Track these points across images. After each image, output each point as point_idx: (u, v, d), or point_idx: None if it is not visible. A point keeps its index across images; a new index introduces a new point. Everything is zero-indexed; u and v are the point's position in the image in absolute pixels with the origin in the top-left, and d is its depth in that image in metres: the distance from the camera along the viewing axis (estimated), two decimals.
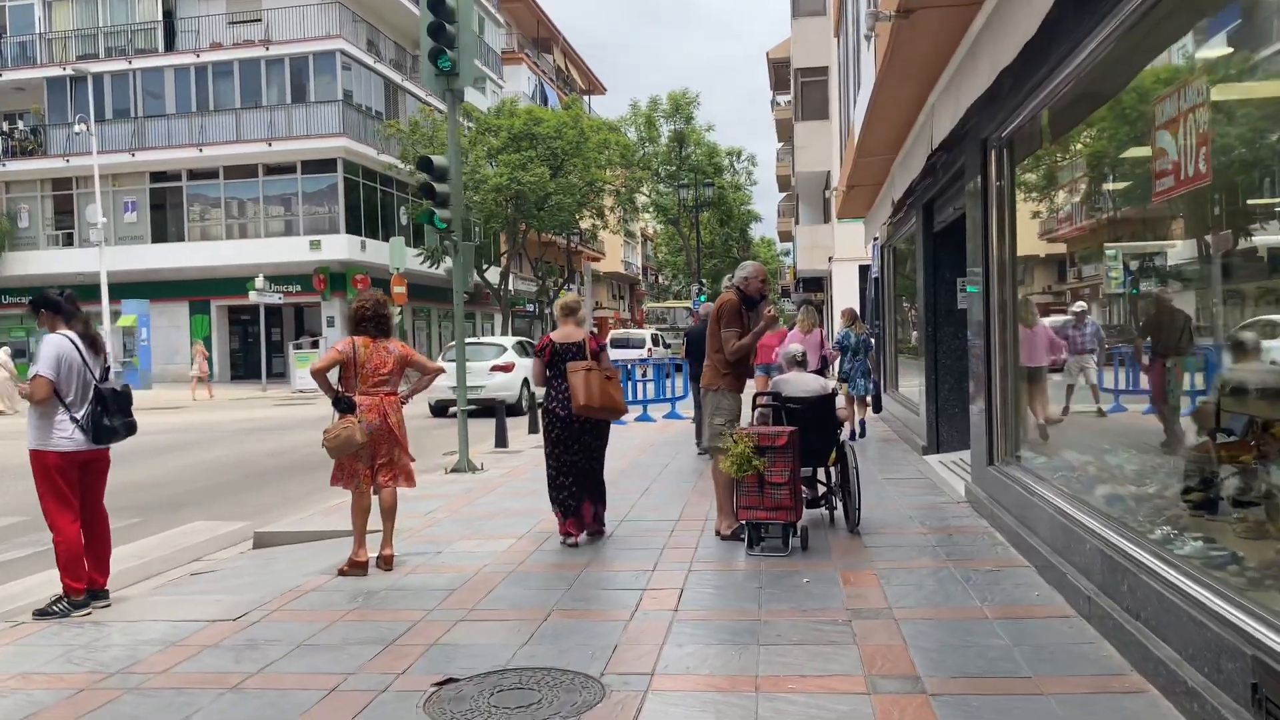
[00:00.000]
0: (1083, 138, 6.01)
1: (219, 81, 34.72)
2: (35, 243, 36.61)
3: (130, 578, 6.89)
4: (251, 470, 12.53)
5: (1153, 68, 4.70)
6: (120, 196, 35.81)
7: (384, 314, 6.38)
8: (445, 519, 8.11)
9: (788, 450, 6.34)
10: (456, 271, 10.87)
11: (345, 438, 6.03)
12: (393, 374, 6.34)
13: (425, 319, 42.84)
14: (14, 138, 36.61)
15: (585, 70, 67.02)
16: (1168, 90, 4.26)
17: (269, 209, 35.15)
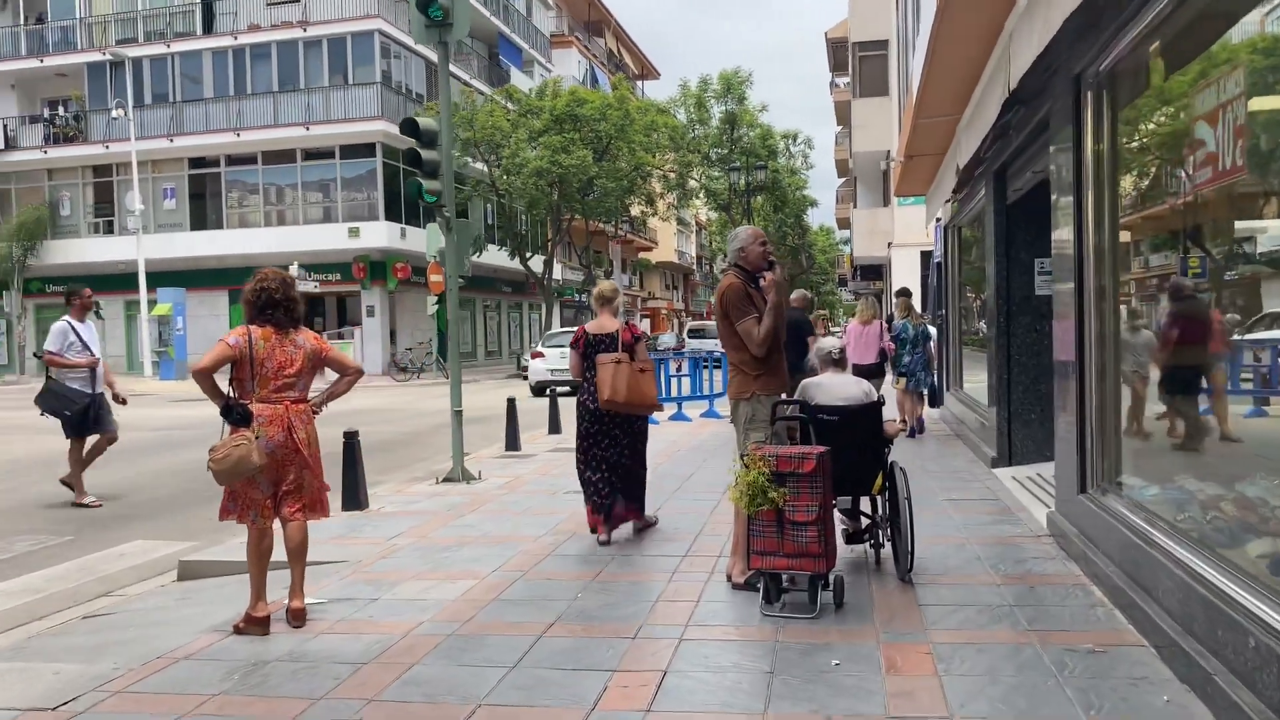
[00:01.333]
0: (1215, 71, 4.37)
1: (256, 64, 33.89)
2: (76, 231, 36.20)
3: (8, 621, 5.62)
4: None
5: None
6: (159, 183, 35.22)
7: (292, 296, 4.99)
8: (407, 547, 6.72)
9: (817, 478, 4.81)
10: (449, 252, 9.49)
11: (237, 458, 4.65)
12: (301, 375, 4.95)
13: (469, 309, 41.75)
14: (55, 124, 36.22)
15: (638, 54, 65.46)
16: None
17: (307, 195, 34.27)
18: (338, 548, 6.75)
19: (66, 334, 9.01)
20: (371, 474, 10.85)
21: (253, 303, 4.92)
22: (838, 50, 41.28)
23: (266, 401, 4.82)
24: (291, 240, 33.02)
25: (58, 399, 9.04)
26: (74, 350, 9.02)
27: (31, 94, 37.13)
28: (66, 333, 9.01)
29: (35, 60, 35.74)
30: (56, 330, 9.05)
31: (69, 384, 9.05)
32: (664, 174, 39.27)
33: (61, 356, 8.96)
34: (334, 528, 7.41)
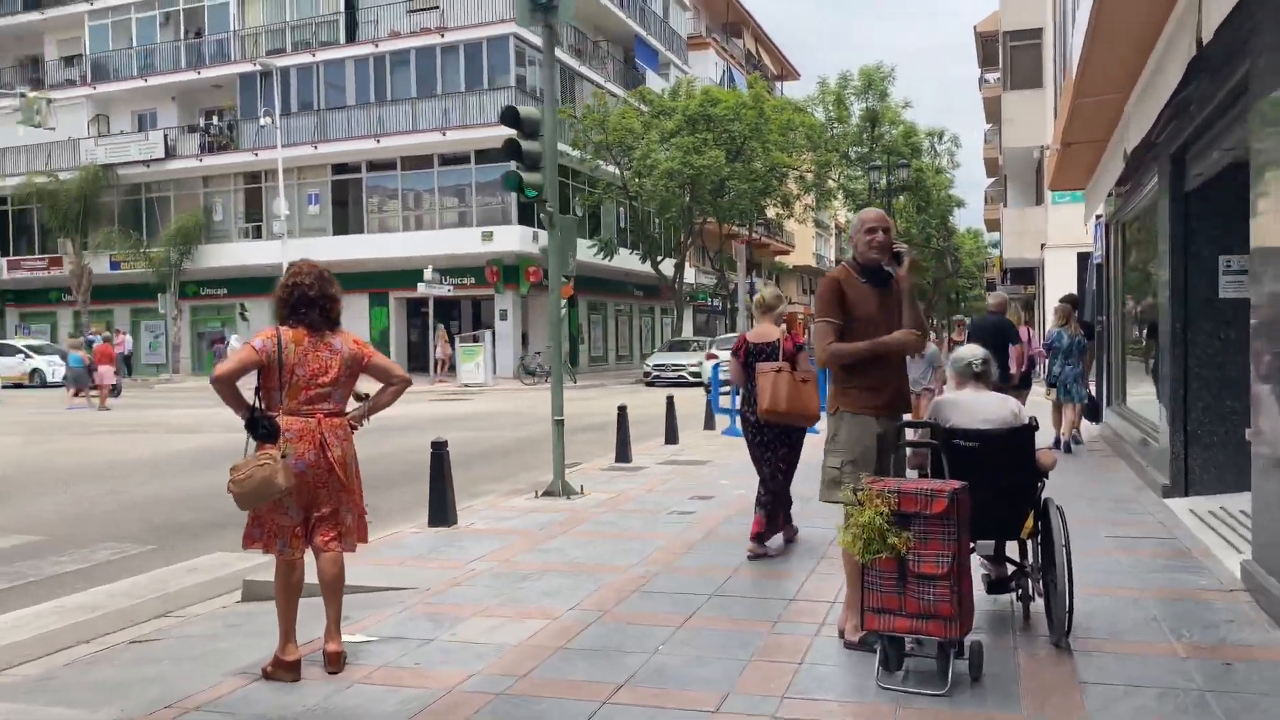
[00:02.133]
0: None
1: (396, 71, 34.45)
2: (228, 235, 37.62)
3: (53, 644, 5.21)
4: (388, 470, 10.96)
5: None
6: (304, 189, 36.23)
7: (329, 293, 4.37)
8: (484, 573, 6.05)
9: (950, 520, 3.87)
10: (553, 250, 8.84)
11: (260, 480, 4.04)
12: (338, 384, 4.32)
13: (600, 314, 41.49)
14: (210, 133, 37.74)
15: (778, 55, 64.20)
16: None
17: (443, 200, 34.60)
18: (411, 571, 6.15)
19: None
20: (478, 483, 10.38)
21: (284, 300, 4.32)
22: (987, 44, 39.21)
23: (296, 414, 4.21)
24: (427, 244, 33.39)
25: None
26: None
27: (190, 105, 38.81)
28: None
29: (194, 73, 37.31)
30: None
31: None
32: (800, 174, 38.03)
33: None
34: (416, 545, 6.85)
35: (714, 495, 8.76)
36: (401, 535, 7.24)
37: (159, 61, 38.11)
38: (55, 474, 11.76)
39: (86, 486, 10.60)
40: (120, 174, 37.55)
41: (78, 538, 7.92)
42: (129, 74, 38.26)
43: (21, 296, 41.47)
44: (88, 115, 39.12)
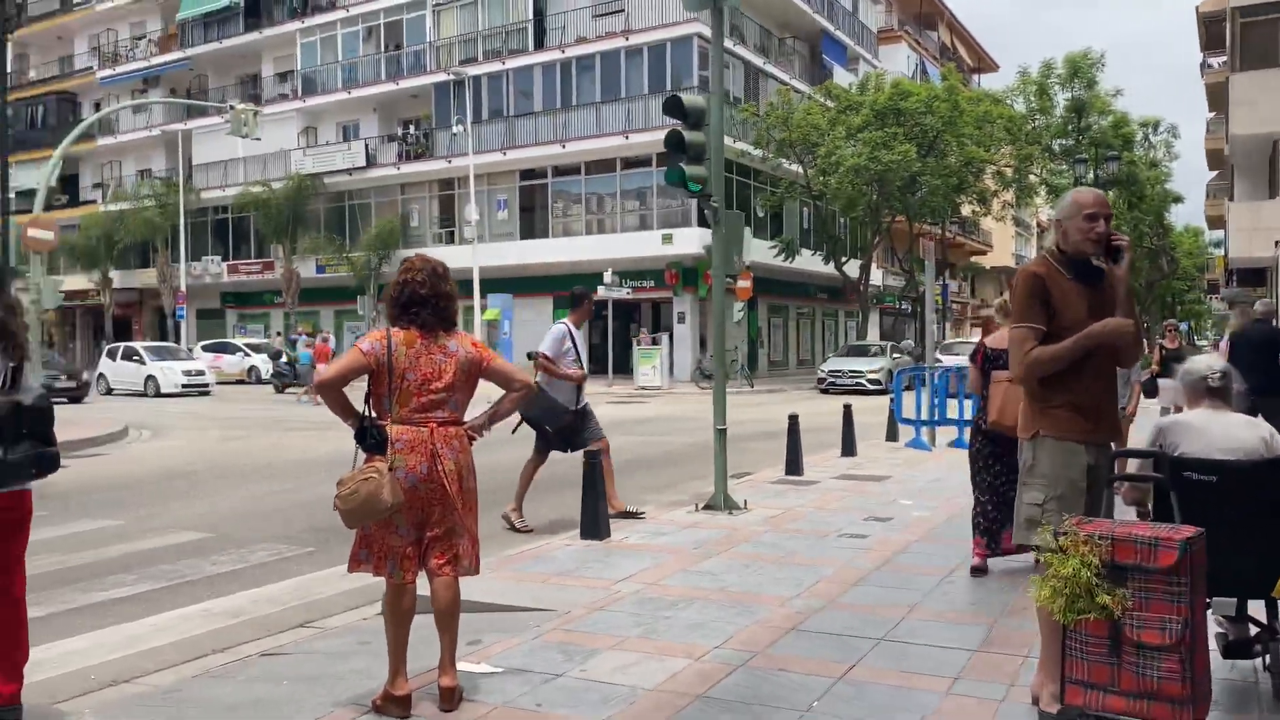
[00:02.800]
0: None
1: (581, 75, 34.78)
2: (423, 240, 39.03)
3: (189, 651, 5.08)
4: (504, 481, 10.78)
5: None
6: (493, 194, 37.14)
7: (444, 291, 3.97)
8: (629, 597, 5.57)
9: (1180, 577, 3.07)
10: (717, 248, 8.29)
11: (366, 495, 3.69)
12: (453, 390, 3.92)
13: (781, 317, 40.59)
14: (407, 142, 39.31)
15: (974, 46, 61.30)
16: None
17: (625, 203, 34.69)
18: (552, 590, 5.74)
19: (564, 339, 7.86)
20: (640, 491, 9.94)
21: (394, 299, 3.96)
22: (1211, 25, 35.85)
23: (407, 423, 3.83)
24: (608, 248, 33.52)
25: (545, 410, 7.73)
26: (569, 359, 7.86)
27: (390, 116, 40.57)
28: (565, 338, 7.87)
29: (392, 84, 38.95)
30: (556, 334, 7.90)
31: (555, 395, 7.82)
32: (999, 169, 35.90)
33: (557, 363, 7.80)
34: (563, 560, 6.45)
35: (892, 517, 7.98)
36: (550, 547, 6.87)
37: (361, 74, 40.03)
38: (240, 470, 12.18)
39: (265, 484, 10.86)
40: (326, 182, 39.69)
41: (242, 537, 7.98)
42: (334, 87, 40.37)
43: (240, 298, 44.56)
44: (298, 128, 41.57)
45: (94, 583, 6.42)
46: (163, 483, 11.06)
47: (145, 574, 6.69)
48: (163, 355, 30.05)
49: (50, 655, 5.00)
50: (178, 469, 12.29)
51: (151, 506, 9.38)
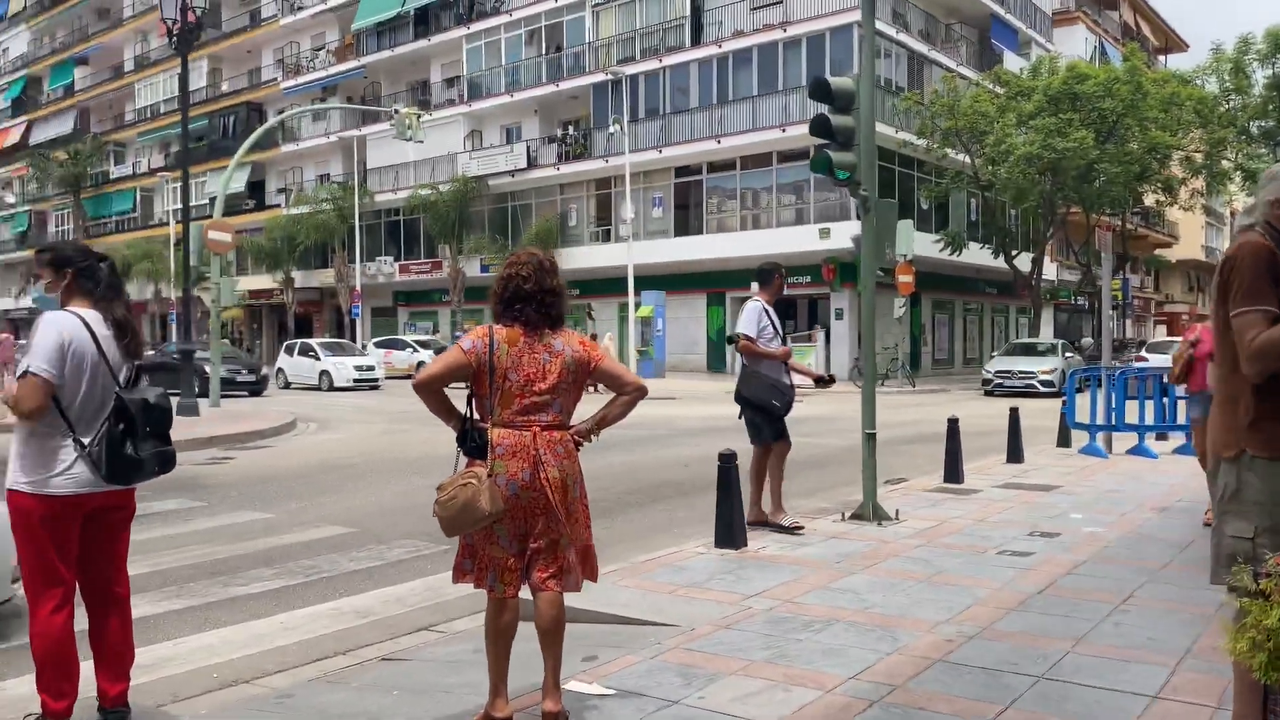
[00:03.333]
0: None
1: (738, 70, 34.34)
2: (580, 239, 39.52)
3: (313, 652, 5.05)
4: (644, 482, 10.58)
5: None
6: (649, 193, 37.19)
7: (550, 286, 3.71)
8: (761, 614, 5.19)
9: None
10: (867, 239, 7.80)
11: (464, 502, 3.47)
12: (558, 391, 3.66)
13: (946, 313, 38.97)
14: (566, 143, 39.83)
15: (1160, 25, 57.30)
16: None
17: (781, 198, 34.05)
18: (680, 603, 5.43)
19: (760, 316, 7.44)
20: (785, 497, 9.53)
21: (498, 295, 3.73)
22: None
23: (509, 426, 3.60)
24: (764, 243, 32.91)
25: (768, 390, 7.33)
26: (767, 336, 7.45)
27: (550, 117, 41.22)
28: (760, 314, 7.44)
29: (553, 86, 39.53)
30: (751, 312, 7.44)
31: (765, 373, 7.42)
32: (1187, 155, 33.29)
33: (758, 343, 7.38)
34: (695, 570, 6.14)
35: (1060, 533, 7.28)
36: (683, 555, 6.57)
37: (523, 77, 40.80)
38: (395, 464, 12.41)
39: (416, 479, 10.98)
40: (489, 184, 40.67)
41: (384, 533, 8.03)
42: (498, 90, 41.30)
43: (410, 297, 46.28)
44: (464, 131, 42.76)
45: (234, 577, 6.53)
46: (318, 476, 11.37)
47: (284, 569, 6.77)
48: (336, 351, 31.40)
49: (181, 651, 5.07)
50: (335, 462, 12.64)
51: (303, 500, 9.60)
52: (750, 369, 7.42)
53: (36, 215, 65.84)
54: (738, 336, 7.41)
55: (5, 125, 67.78)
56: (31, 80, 66.27)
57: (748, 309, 7.49)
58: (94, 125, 61.87)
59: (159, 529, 8.12)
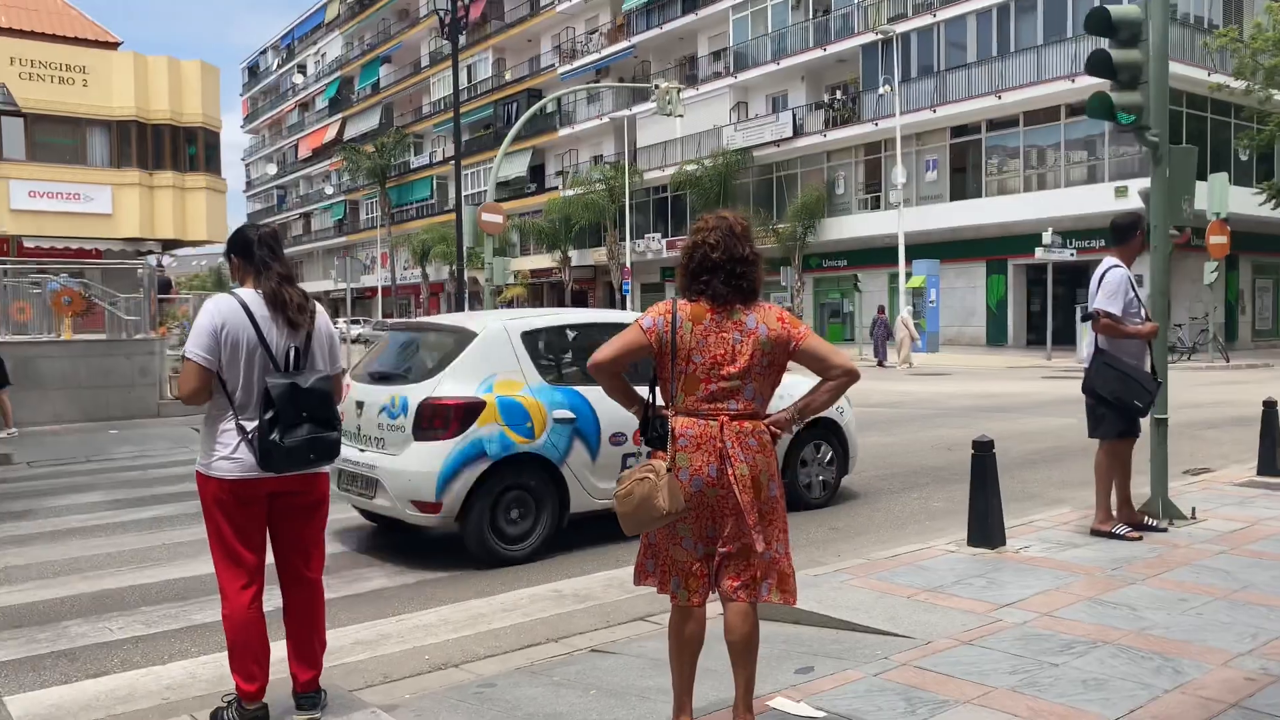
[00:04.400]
0: None
1: (1020, 18, 31.77)
2: (848, 208, 38.27)
3: (524, 638, 4.94)
4: (898, 466, 9.86)
5: None
6: (922, 156, 35.38)
7: (742, 254, 3.24)
8: (1012, 629, 4.51)
9: None
10: (1157, 193, 6.67)
11: (640, 499, 3.12)
12: (749, 375, 3.20)
13: (1270, 278, 34.33)
14: (834, 108, 38.61)
15: None
16: None
17: (1069, 155, 31.22)
18: (918, 609, 4.83)
19: (1125, 287, 6.14)
20: (1058, 487, 8.58)
21: (684, 266, 3.30)
22: None
23: (693, 414, 3.20)
24: (1049, 205, 30.40)
25: (1126, 382, 6.09)
26: (1132, 312, 6.17)
27: (817, 83, 40.11)
28: (1125, 285, 6.14)
29: (820, 50, 38.39)
30: (1115, 281, 6.10)
31: (1125, 358, 6.18)
32: None
33: (1122, 321, 6.11)
34: (940, 571, 5.50)
35: None
36: (929, 553, 5.92)
37: (790, 44, 39.93)
38: None
39: None
40: (754, 156, 40.24)
41: None
42: (764, 60, 40.70)
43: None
44: (729, 104, 42.56)
45: (468, 554, 6.58)
46: None
47: None
48: None
49: (401, 629, 5.12)
50: None
51: None
52: (1109, 355, 6.14)
53: (350, 205, 72.71)
54: (1097, 314, 6.14)
55: (324, 123, 75.22)
56: (344, 81, 73.01)
57: (1111, 279, 6.11)
58: (396, 119, 67.27)
59: None
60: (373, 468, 6.35)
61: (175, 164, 31.88)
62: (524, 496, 6.39)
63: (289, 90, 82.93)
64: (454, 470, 6.08)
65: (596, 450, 6.57)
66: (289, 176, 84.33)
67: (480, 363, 6.38)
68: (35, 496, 8.77)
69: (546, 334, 6.86)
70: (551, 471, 6.44)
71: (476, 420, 6.16)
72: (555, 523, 6.51)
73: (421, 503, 6.12)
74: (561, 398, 6.51)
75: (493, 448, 6.19)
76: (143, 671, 4.48)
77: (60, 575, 6.14)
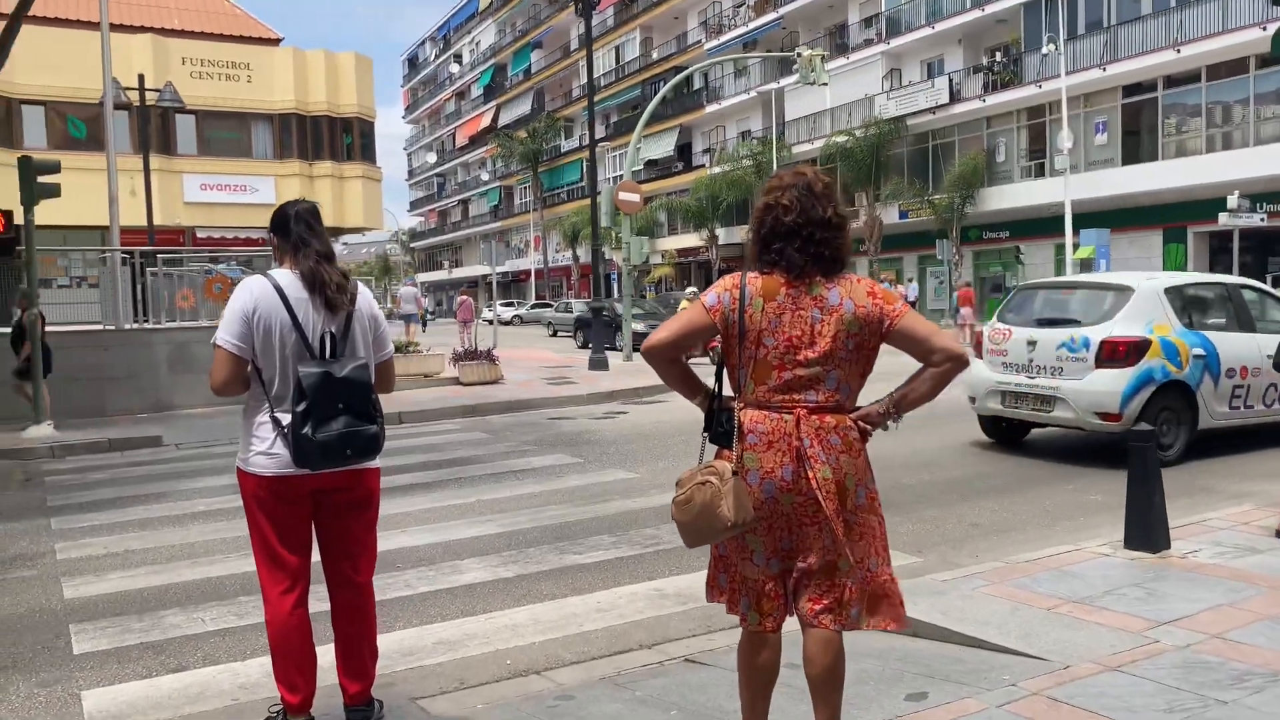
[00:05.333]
0: None
1: None
2: (1010, 176, 36.22)
3: (616, 643, 4.60)
4: (1051, 452, 9.01)
5: None
6: (1090, 118, 33.06)
7: (821, 218, 2.73)
8: (1169, 653, 3.85)
9: None
10: None
11: (700, 507, 2.68)
12: (833, 362, 2.71)
13: None
14: (993, 71, 36.56)
15: None
16: None
17: (1260, 110, 28.46)
18: (1059, 624, 4.21)
19: None
20: (1232, 479, 7.63)
21: (755, 232, 2.81)
22: None
23: (764, 407, 2.73)
24: (1235, 166, 27.82)
25: None
26: None
27: (975, 45, 38.06)
28: None
29: (977, 10, 36.35)
30: None
31: None
32: None
33: None
34: (1092, 577, 4.84)
35: None
36: (1079, 556, 5.24)
37: (945, 5, 38.03)
38: None
39: None
40: (908, 124, 38.57)
41: None
42: (918, 23, 38.93)
43: None
44: (881, 71, 40.94)
45: (574, 544, 6.30)
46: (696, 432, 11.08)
47: (625, 538, 6.42)
48: None
49: (489, 628, 4.85)
50: None
51: (673, 459, 9.25)
52: None
53: (505, 190, 74.24)
54: None
55: (479, 111, 76.98)
56: (498, 69, 74.44)
57: None
58: (547, 104, 68.10)
59: (531, 485, 8.25)
60: (1055, 389, 8.46)
61: (333, 154, 33.10)
62: (1170, 413, 8.36)
63: (446, 80, 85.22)
64: (1133, 391, 8.12)
65: (1217, 381, 8.54)
66: (448, 164, 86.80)
67: (1140, 311, 8.42)
68: (173, 479, 9.02)
69: (1180, 289, 8.85)
70: (1189, 396, 8.41)
71: (1146, 354, 8.18)
72: (1189, 435, 8.44)
73: (1105, 414, 8.20)
74: (1194, 339, 8.47)
75: (1157, 375, 8.22)
76: (221, 668, 4.36)
77: (173, 561, 6.18)
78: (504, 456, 9.78)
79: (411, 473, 8.95)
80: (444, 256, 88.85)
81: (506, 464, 9.32)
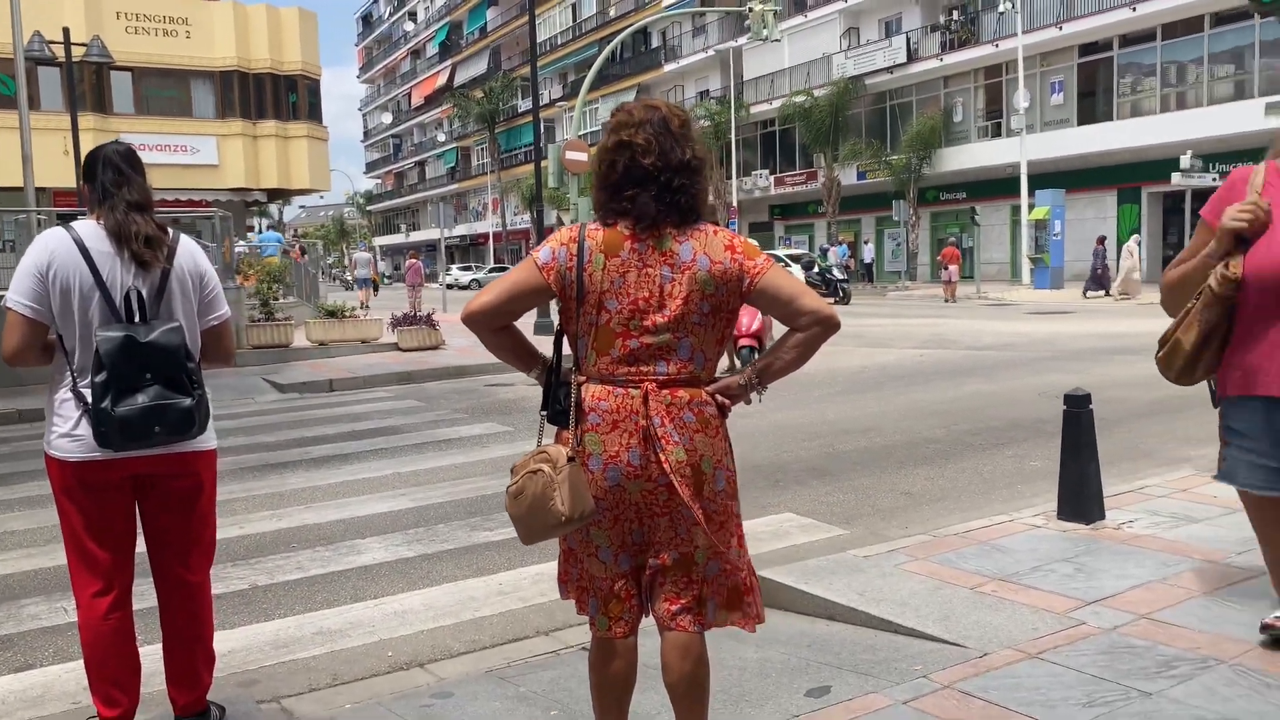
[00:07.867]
0: None
1: None
2: (966, 136, 36.08)
3: (516, 628, 4.27)
4: (996, 419, 8.78)
5: None
6: (1046, 77, 32.94)
7: (679, 161, 2.35)
8: (1095, 637, 3.56)
9: None
10: None
11: (532, 499, 2.34)
12: (685, 328, 2.35)
13: None
14: (950, 30, 36.24)
15: None
16: None
17: (1214, 69, 28.42)
18: (979, 605, 3.92)
19: None
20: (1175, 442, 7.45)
21: (603, 177, 2.42)
22: None
23: (607, 381, 2.37)
24: (1187, 126, 27.82)
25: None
26: None
27: (933, 4, 37.67)
28: None
29: None
30: None
31: None
32: None
33: None
34: (1017, 551, 4.56)
35: None
36: (1010, 528, 4.96)
37: None
38: None
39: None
40: (867, 84, 38.21)
41: None
42: None
43: (785, 210, 45.35)
44: (839, 30, 40.48)
45: (487, 519, 5.93)
46: None
47: None
48: None
49: (377, 615, 4.50)
50: None
51: None
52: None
53: (462, 151, 73.00)
54: None
55: (434, 70, 75.46)
56: (453, 26, 72.90)
57: None
58: (504, 63, 66.83)
59: (454, 456, 7.89)
60: None
61: (277, 113, 32.12)
62: None
63: (400, 38, 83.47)
64: None
65: None
66: (403, 125, 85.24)
67: None
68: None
69: None
70: None
71: None
72: None
73: None
74: None
75: None
76: (69, 666, 3.94)
77: (52, 543, 5.74)
78: (432, 426, 9.39)
79: (331, 443, 8.54)
80: (402, 220, 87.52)
81: (433, 433, 8.94)
